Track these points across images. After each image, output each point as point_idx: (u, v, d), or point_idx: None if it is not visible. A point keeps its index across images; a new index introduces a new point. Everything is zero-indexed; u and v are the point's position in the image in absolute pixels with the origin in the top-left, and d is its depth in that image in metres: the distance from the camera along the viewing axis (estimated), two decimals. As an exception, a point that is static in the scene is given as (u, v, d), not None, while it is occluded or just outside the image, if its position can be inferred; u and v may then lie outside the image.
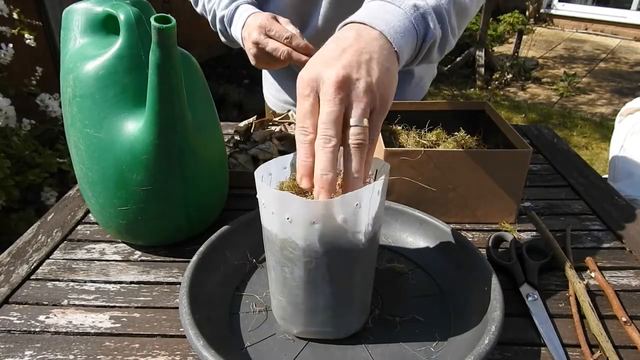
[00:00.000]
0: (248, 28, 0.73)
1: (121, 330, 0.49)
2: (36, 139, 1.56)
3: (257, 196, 0.42)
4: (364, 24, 0.42)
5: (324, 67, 0.38)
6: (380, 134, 0.63)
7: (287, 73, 0.97)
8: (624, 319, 0.49)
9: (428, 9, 0.46)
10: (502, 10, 5.29)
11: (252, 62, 0.76)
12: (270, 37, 0.70)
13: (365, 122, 0.37)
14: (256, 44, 0.71)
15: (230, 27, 0.79)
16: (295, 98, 0.99)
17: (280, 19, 0.73)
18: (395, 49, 0.42)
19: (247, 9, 0.77)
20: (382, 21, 0.42)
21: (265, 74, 1.07)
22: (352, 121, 0.37)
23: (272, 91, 1.04)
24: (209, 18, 0.84)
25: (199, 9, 0.87)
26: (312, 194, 0.43)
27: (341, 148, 0.38)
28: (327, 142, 0.36)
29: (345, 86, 0.36)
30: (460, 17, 0.51)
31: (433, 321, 0.49)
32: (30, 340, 0.47)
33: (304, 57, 0.69)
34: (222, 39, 0.85)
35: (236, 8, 0.78)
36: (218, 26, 0.82)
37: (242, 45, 0.78)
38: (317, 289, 0.42)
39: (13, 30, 1.57)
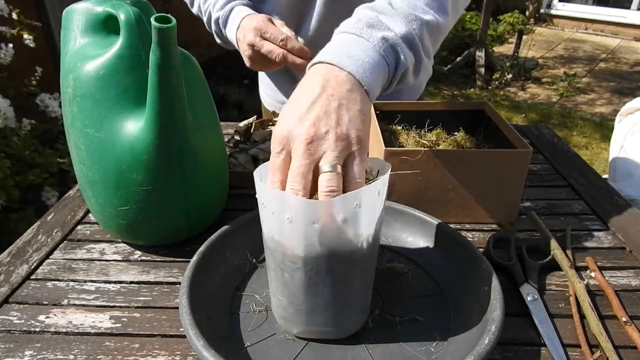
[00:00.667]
0: (243, 30, 0.73)
1: (121, 330, 0.49)
2: (36, 138, 1.56)
3: (257, 196, 0.42)
4: (331, 64, 0.42)
5: (295, 124, 0.39)
6: (380, 134, 0.64)
7: (283, 73, 0.97)
8: (624, 319, 0.49)
9: (397, 39, 0.46)
10: (502, 10, 5.29)
11: (247, 64, 0.76)
12: (265, 39, 0.71)
13: (338, 168, 0.38)
14: (251, 45, 0.71)
15: (225, 28, 0.80)
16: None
17: (276, 21, 0.73)
18: (365, 88, 0.42)
19: (241, 10, 0.77)
20: (350, 59, 0.43)
21: (261, 74, 1.07)
22: (322, 168, 0.38)
23: (267, 91, 1.04)
24: (205, 19, 0.85)
25: (194, 10, 0.87)
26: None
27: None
28: (296, 195, 0.38)
29: (314, 141, 0.38)
30: (435, 36, 0.52)
31: (433, 321, 0.49)
32: (30, 340, 0.47)
33: (298, 60, 0.69)
34: (218, 40, 0.85)
35: (231, 9, 0.78)
36: (213, 27, 0.83)
37: (237, 47, 0.78)
38: (318, 289, 0.42)
39: (12, 31, 1.57)
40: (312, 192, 0.39)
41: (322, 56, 0.44)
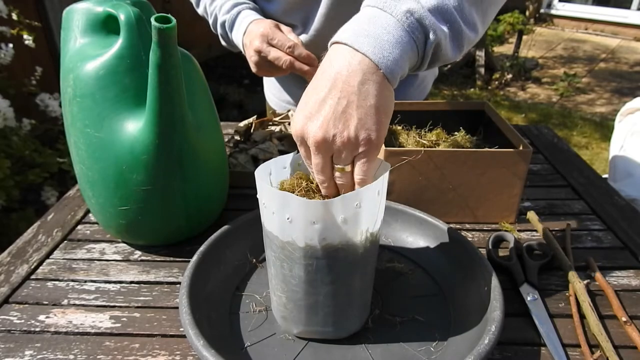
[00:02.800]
0: (250, 35, 0.74)
1: (121, 330, 0.49)
2: (36, 138, 1.56)
3: (258, 196, 0.42)
4: (347, 45, 0.41)
5: (306, 122, 0.40)
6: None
7: (291, 75, 0.97)
8: (624, 319, 0.49)
9: (424, 12, 0.42)
10: (502, 10, 5.29)
11: (253, 69, 0.76)
12: (272, 45, 0.71)
13: (347, 168, 0.41)
14: (258, 52, 0.71)
15: (231, 32, 0.80)
16: (296, 99, 0.99)
17: (283, 27, 0.73)
18: (382, 71, 0.40)
19: (248, 14, 0.77)
20: (368, 38, 0.40)
21: None
22: (335, 167, 0.42)
23: (273, 91, 1.05)
24: (210, 21, 0.85)
25: (200, 11, 0.87)
26: (313, 194, 0.43)
27: None
28: (323, 183, 0.43)
29: (323, 145, 0.40)
30: (479, 4, 0.47)
31: (433, 321, 0.49)
32: (30, 340, 0.47)
33: (305, 67, 0.69)
34: (223, 42, 0.85)
35: (238, 13, 0.78)
36: (219, 30, 0.83)
37: (243, 52, 0.78)
38: (317, 288, 0.42)
39: (12, 31, 1.57)
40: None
41: (340, 35, 0.42)
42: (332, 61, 0.41)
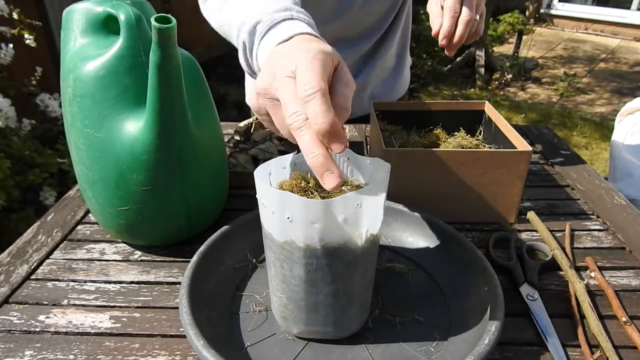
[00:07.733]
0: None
1: (121, 330, 0.49)
2: (36, 139, 1.56)
3: (257, 196, 0.42)
4: None
5: None
6: (380, 134, 0.64)
7: None
8: (624, 319, 0.49)
9: None
10: (502, 10, 5.29)
11: None
12: None
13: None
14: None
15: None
16: None
17: None
18: None
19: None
20: None
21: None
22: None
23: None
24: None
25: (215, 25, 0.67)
26: (312, 193, 0.43)
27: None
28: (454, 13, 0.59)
29: None
30: None
31: (433, 321, 0.49)
32: (30, 340, 0.47)
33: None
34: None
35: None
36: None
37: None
38: (318, 288, 0.42)
39: (13, 31, 1.57)
40: None
41: None
42: None
